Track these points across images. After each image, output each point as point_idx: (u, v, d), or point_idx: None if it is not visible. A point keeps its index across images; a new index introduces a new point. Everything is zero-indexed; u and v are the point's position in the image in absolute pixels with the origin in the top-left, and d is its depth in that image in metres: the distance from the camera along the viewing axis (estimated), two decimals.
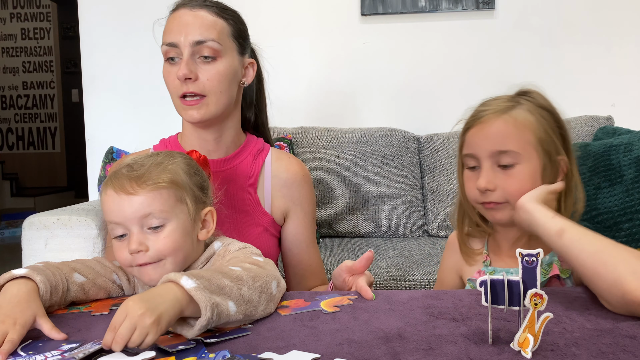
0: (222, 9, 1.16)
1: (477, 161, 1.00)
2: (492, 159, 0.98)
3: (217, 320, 0.73)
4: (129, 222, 0.87)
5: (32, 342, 0.74)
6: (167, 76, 1.13)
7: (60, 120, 6.26)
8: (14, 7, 6.13)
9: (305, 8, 2.61)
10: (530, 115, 0.99)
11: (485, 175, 0.98)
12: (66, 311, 0.87)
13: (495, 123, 0.98)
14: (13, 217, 5.14)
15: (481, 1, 2.54)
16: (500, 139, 0.97)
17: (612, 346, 0.68)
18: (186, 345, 0.70)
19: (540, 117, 0.99)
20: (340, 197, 2.22)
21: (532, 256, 0.69)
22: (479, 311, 0.81)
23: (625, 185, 1.94)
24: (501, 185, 0.97)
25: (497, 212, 1.00)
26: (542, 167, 0.98)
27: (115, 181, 0.88)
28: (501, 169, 0.98)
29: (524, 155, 0.97)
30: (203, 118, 1.11)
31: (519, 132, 0.97)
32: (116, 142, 2.22)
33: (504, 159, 0.97)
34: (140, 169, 0.89)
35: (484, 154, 0.98)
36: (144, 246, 0.87)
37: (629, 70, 2.59)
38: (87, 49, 2.63)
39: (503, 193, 0.97)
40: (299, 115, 2.56)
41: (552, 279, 1.00)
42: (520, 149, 0.97)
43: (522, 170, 0.97)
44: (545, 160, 0.98)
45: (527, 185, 0.96)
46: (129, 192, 0.86)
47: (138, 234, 0.87)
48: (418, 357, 0.66)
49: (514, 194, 0.96)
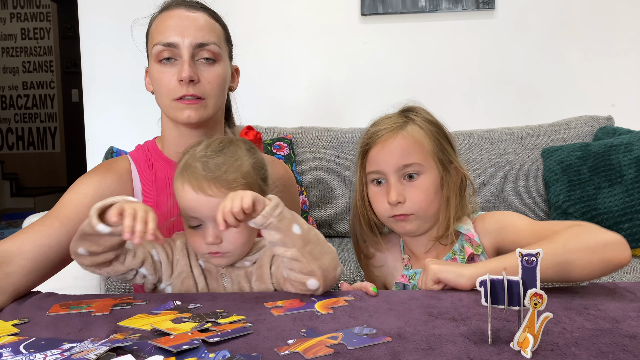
0: (214, 13, 1.14)
1: (383, 175, 1.08)
2: (397, 173, 1.07)
3: (279, 220, 0.88)
4: (206, 218, 0.94)
5: (34, 340, 0.74)
6: (162, 77, 1.09)
7: (60, 120, 6.26)
8: (14, 7, 6.13)
9: (305, 8, 2.61)
10: (421, 130, 1.09)
11: (395, 189, 1.06)
12: (67, 311, 0.87)
13: (395, 140, 1.07)
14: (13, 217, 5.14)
15: (481, 1, 2.54)
16: (402, 153, 1.07)
17: (611, 346, 0.68)
18: (189, 345, 0.69)
19: (429, 130, 1.09)
20: (340, 197, 2.22)
21: (531, 256, 0.69)
22: (479, 311, 0.81)
23: (625, 185, 1.94)
24: (409, 196, 1.07)
25: (407, 223, 1.08)
26: (440, 177, 1.09)
27: (194, 180, 0.94)
28: (407, 180, 1.08)
29: (425, 165, 1.07)
30: (199, 119, 1.09)
31: (417, 146, 1.07)
32: (116, 142, 2.22)
33: (408, 170, 1.07)
34: (215, 169, 0.94)
35: (390, 170, 1.07)
36: (219, 239, 0.95)
37: (629, 70, 2.59)
38: (87, 49, 2.63)
39: (411, 204, 1.06)
40: (299, 115, 2.56)
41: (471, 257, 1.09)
42: (421, 160, 1.07)
43: (425, 180, 1.07)
44: (441, 170, 1.09)
45: (430, 195, 1.07)
46: (207, 193, 0.92)
47: (214, 229, 0.94)
48: (418, 357, 0.66)
49: (420, 204, 1.07)
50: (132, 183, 1.14)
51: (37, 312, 0.88)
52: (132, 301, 0.90)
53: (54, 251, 1.00)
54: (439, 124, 1.12)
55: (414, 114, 1.12)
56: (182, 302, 0.89)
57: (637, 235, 1.85)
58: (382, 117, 1.13)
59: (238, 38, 1.26)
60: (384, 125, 1.09)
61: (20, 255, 0.96)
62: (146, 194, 1.14)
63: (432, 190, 1.08)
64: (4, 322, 0.83)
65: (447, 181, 1.09)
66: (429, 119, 1.11)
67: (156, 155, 1.17)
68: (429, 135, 1.08)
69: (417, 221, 1.08)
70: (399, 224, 1.09)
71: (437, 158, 1.08)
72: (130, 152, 1.20)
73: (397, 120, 1.10)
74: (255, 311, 0.84)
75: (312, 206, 2.21)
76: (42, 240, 0.99)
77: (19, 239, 0.99)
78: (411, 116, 1.11)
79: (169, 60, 1.09)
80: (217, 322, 0.78)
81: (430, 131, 1.09)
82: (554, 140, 2.26)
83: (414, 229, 1.09)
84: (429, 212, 1.08)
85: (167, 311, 0.85)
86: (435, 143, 1.09)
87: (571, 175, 2.04)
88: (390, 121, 1.10)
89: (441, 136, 1.11)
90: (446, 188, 1.09)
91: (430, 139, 1.08)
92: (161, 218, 1.11)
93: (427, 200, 1.07)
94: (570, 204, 2.00)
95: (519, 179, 2.19)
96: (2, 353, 0.70)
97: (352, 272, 1.81)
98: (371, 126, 1.13)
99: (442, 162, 1.09)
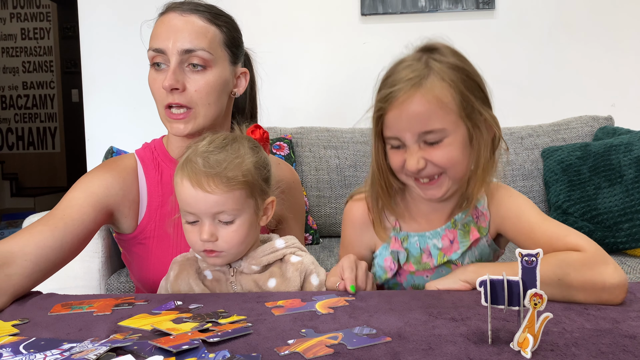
0: (215, 15, 1.10)
1: (401, 142, 0.95)
2: (418, 140, 0.93)
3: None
4: (203, 215, 0.94)
5: (34, 340, 0.74)
6: (153, 83, 1.08)
7: (60, 120, 6.26)
8: (14, 7, 6.13)
9: (305, 8, 2.61)
10: (444, 83, 0.91)
11: (413, 157, 0.93)
12: (69, 310, 0.87)
13: (413, 103, 0.91)
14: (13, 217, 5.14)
15: (481, 1, 2.54)
16: (423, 120, 0.91)
17: (611, 346, 0.68)
18: (189, 345, 0.69)
19: (453, 81, 0.92)
20: (340, 197, 2.22)
21: (531, 256, 0.69)
22: (479, 311, 0.81)
23: (625, 185, 1.95)
24: (430, 159, 0.93)
25: (436, 190, 0.96)
26: (469, 134, 0.94)
27: (193, 175, 0.93)
28: (428, 145, 0.93)
29: (449, 128, 0.92)
30: (190, 132, 1.07)
31: (439, 107, 0.91)
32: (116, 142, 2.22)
33: (430, 137, 0.92)
34: (216, 165, 0.93)
35: (408, 137, 0.93)
36: (214, 237, 0.94)
37: (629, 70, 2.59)
38: (87, 49, 2.63)
39: (436, 166, 0.93)
40: (299, 115, 2.56)
41: (475, 241, 1.02)
42: (444, 123, 0.92)
43: (450, 142, 0.93)
44: (470, 126, 0.94)
45: (458, 153, 0.93)
46: (205, 189, 0.92)
47: (210, 226, 0.94)
48: (418, 357, 0.66)
49: (446, 164, 0.93)
50: (138, 182, 1.14)
51: (37, 312, 0.87)
52: (134, 301, 0.90)
53: (55, 252, 0.99)
54: (468, 68, 0.95)
55: (435, 59, 0.94)
56: (183, 302, 0.89)
57: (637, 235, 1.85)
58: (397, 66, 0.95)
59: None
60: (399, 83, 0.92)
61: (22, 257, 0.96)
62: (151, 193, 1.14)
63: (459, 150, 0.93)
64: (4, 322, 0.82)
65: (478, 139, 0.94)
66: (454, 65, 0.93)
67: (162, 155, 1.17)
68: (454, 88, 0.91)
69: (446, 184, 0.96)
70: (425, 190, 0.97)
71: (464, 114, 0.93)
72: (136, 150, 1.19)
73: (415, 71, 0.92)
74: (256, 311, 0.84)
75: (312, 206, 2.21)
76: (45, 241, 0.98)
77: (21, 240, 0.98)
78: (432, 63, 0.93)
79: (159, 66, 1.07)
80: (218, 322, 0.78)
81: (456, 82, 0.92)
82: (554, 140, 2.26)
83: (442, 194, 0.96)
84: (459, 173, 0.95)
85: (168, 311, 0.85)
86: (463, 96, 0.92)
87: (571, 175, 2.04)
88: (406, 74, 0.92)
89: (470, 85, 0.94)
90: (476, 147, 0.95)
91: (456, 91, 0.91)
92: (166, 217, 1.12)
93: (451, 161, 0.93)
94: (570, 204, 2.00)
95: (519, 179, 2.19)
96: (2, 353, 0.70)
97: None
98: (385, 79, 0.96)
99: (471, 117, 0.93)
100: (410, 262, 1.02)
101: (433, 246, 1.02)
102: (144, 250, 1.14)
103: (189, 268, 1.01)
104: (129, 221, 1.13)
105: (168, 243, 1.12)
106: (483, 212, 1.02)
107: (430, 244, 1.02)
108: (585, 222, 1.96)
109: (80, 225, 1.03)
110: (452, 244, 1.01)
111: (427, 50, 0.96)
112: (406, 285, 1.05)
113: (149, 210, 1.13)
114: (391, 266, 1.03)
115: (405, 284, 1.05)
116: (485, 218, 1.02)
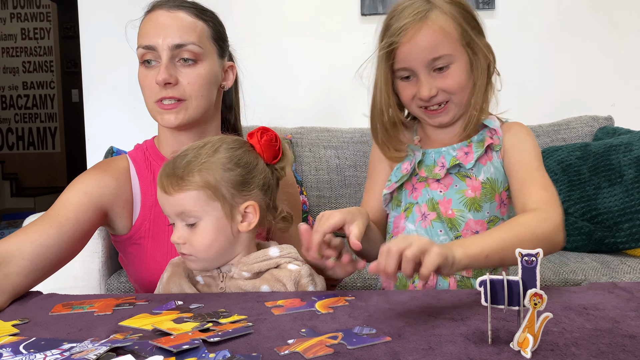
0: (200, 10, 1.12)
1: (412, 72, 1.05)
2: (427, 67, 1.04)
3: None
4: (171, 217, 0.96)
5: (34, 340, 0.74)
6: (144, 80, 1.09)
7: (60, 120, 6.26)
8: (14, 7, 6.13)
9: (305, 8, 2.61)
10: (446, 16, 1.03)
11: (426, 84, 1.04)
12: (70, 311, 0.87)
13: (420, 34, 1.02)
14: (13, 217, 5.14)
15: (481, 1, 2.54)
16: (430, 47, 1.02)
17: (611, 346, 0.68)
18: (190, 344, 0.69)
19: (455, 14, 1.04)
20: (340, 197, 2.22)
21: (531, 256, 0.69)
22: (479, 311, 0.81)
23: (625, 185, 1.94)
24: (441, 86, 1.04)
25: (443, 115, 1.07)
26: (470, 61, 1.06)
27: (158, 177, 0.96)
28: (437, 72, 1.04)
29: (455, 54, 1.04)
30: (181, 123, 1.08)
31: (444, 36, 1.03)
32: (116, 142, 2.22)
33: (438, 63, 1.03)
34: (176, 167, 0.94)
35: (419, 65, 1.03)
36: (181, 239, 0.94)
37: (629, 70, 2.59)
38: (87, 49, 2.63)
39: (445, 93, 1.04)
40: (299, 115, 2.56)
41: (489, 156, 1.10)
42: (450, 49, 1.03)
43: (456, 68, 1.04)
44: (470, 54, 1.06)
45: (463, 81, 1.05)
46: (165, 191, 0.94)
47: (179, 228, 0.95)
48: (417, 357, 0.66)
49: (455, 89, 1.05)
50: (131, 182, 1.15)
51: (37, 312, 0.88)
52: (135, 301, 0.90)
53: (53, 252, 1.00)
54: (463, 2, 1.07)
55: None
56: (184, 302, 0.89)
57: (637, 235, 1.85)
58: (401, 5, 1.06)
59: (238, 38, 1.26)
60: (406, 19, 1.03)
61: (20, 256, 0.96)
62: (145, 192, 1.14)
63: (465, 76, 1.05)
64: (4, 322, 0.83)
65: (477, 65, 1.06)
66: (452, 0, 1.06)
67: (154, 155, 1.18)
68: (454, 20, 1.04)
69: (452, 109, 1.07)
70: (433, 118, 1.08)
71: (464, 42, 1.05)
72: (129, 151, 1.21)
73: (418, 7, 1.04)
74: (256, 310, 0.84)
75: (312, 206, 2.21)
76: (42, 240, 0.99)
77: (18, 239, 0.98)
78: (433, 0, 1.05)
79: (150, 63, 1.08)
80: (219, 321, 0.79)
81: (455, 14, 1.04)
82: (554, 140, 2.26)
83: (449, 119, 1.08)
84: (463, 97, 1.07)
85: (168, 311, 0.85)
86: (462, 27, 1.04)
87: (571, 175, 2.04)
88: (411, 10, 1.03)
89: (467, 17, 1.06)
90: (476, 72, 1.07)
91: (456, 23, 1.04)
92: (160, 216, 1.12)
93: (460, 86, 1.05)
94: (570, 204, 2.00)
95: None
96: (2, 353, 0.70)
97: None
98: (391, 19, 1.06)
99: (470, 45, 1.05)
100: (422, 168, 1.11)
101: (447, 154, 1.10)
102: (139, 250, 1.14)
103: (182, 271, 1.01)
104: (123, 221, 1.14)
105: (163, 242, 1.13)
106: (496, 130, 1.09)
107: (446, 154, 1.10)
108: (585, 222, 1.96)
109: (76, 224, 1.03)
110: (466, 155, 1.09)
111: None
112: (421, 201, 1.10)
113: (143, 210, 1.14)
114: (407, 167, 1.12)
115: (421, 199, 1.10)
116: (499, 135, 1.09)
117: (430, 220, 1.09)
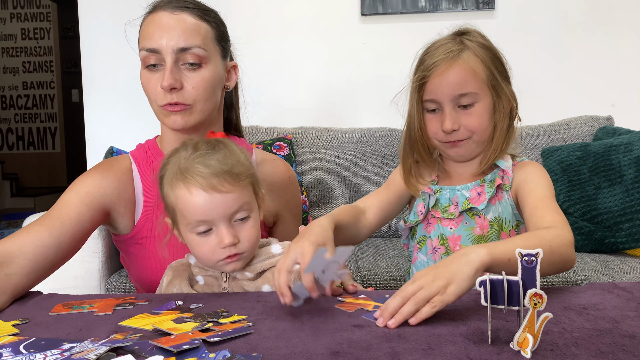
0: (203, 11, 1.10)
1: (438, 105, 1.10)
2: (453, 102, 1.09)
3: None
4: (219, 219, 0.91)
5: (34, 340, 0.74)
6: (148, 84, 1.08)
7: (60, 120, 6.25)
8: (14, 7, 6.12)
9: (305, 8, 2.61)
10: (476, 57, 1.09)
11: (450, 117, 1.08)
12: (70, 311, 0.87)
13: (451, 70, 1.08)
14: (13, 217, 5.14)
15: (481, 1, 2.54)
16: (459, 83, 1.08)
17: (611, 346, 0.68)
18: (190, 344, 0.69)
19: (484, 57, 1.10)
20: (340, 197, 2.22)
21: (531, 256, 0.69)
22: (478, 311, 0.81)
23: (625, 185, 1.94)
24: (464, 123, 1.09)
25: (461, 149, 1.12)
26: (493, 103, 1.11)
27: (202, 180, 0.90)
28: (462, 109, 1.09)
29: (480, 93, 1.09)
30: (186, 125, 1.08)
31: (472, 75, 1.08)
32: (116, 142, 2.22)
33: (464, 100, 1.08)
34: (220, 164, 0.91)
35: (446, 99, 1.09)
36: (237, 239, 0.92)
37: (629, 70, 2.59)
38: (87, 49, 2.63)
39: (466, 130, 1.09)
40: (299, 115, 2.56)
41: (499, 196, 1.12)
42: (476, 88, 1.08)
43: (480, 107, 1.09)
44: (494, 96, 1.11)
45: (485, 121, 1.10)
46: (221, 190, 0.90)
47: (228, 229, 0.92)
48: (417, 357, 0.66)
49: (476, 128, 1.09)
50: (133, 182, 1.14)
51: (37, 312, 0.88)
52: (135, 301, 0.90)
53: (54, 251, 1.00)
54: (494, 49, 1.13)
55: (468, 39, 1.11)
56: (184, 302, 0.89)
57: (637, 235, 1.85)
58: (436, 44, 1.13)
59: (238, 38, 1.26)
60: (439, 56, 1.09)
61: (21, 256, 0.96)
62: (147, 192, 1.14)
63: (487, 117, 1.10)
64: (4, 322, 0.83)
65: (499, 108, 1.11)
66: (483, 44, 1.12)
67: (156, 154, 1.17)
68: (484, 62, 1.09)
69: (471, 146, 1.11)
70: (452, 150, 1.12)
71: (490, 85, 1.10)
72: (131, 151, 1.20)
73: (452, 47, 1.10)
74: (257, 310, 0.84)
75: (312, 206, 2.21)
76: (43, 240, 0.99)
77: (19, 239, 0.98)
78: (466, 42, 1.11)
79: (155, 67, 1.07)
80: (219, 321, 0.79)
81: (485, 57, 1.10)
82: (554, 140, 2.26)
83: (467, 154, 1.13)
84: (483, 137, 1.11)
85: (169, 311, 0.85)
86: (490, 70, 1.10)
87: (571, 175, 2.04)
88: (445, 49, 1.10)
89: (495, 62, 1.11)
90: (498, 114, 1.11)
91: (485, 65, 1.09)
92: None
93: (481, 126, 1.09)
94: (570, 204, 2.00)
95: None
96: (2, 353, 0.70)
97: (353, 272, 1.81)
98: (425, 54, 1.13)
99: (495, 88, 1.11)
100: (438, 209, 1.15)
101: (461, 195, 1.14)
102: (141, 250, 1.14)
103: (182, 274, 1.00)
104: (125, 221, 1.13)
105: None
106: (506, 171, 1.13)
107: (459, 194, 1.14)
108: (585, 222, 1.96)
109: (77, 224, 1.03)
110: (479, 196, 1.12)
111: (461, 33, 1.14)
112: (433, 235, 1.15)
113: (146, 210, 1.13)
114: (421, 210, 1.16)
115: (433, 234, 1.15)
116: (509, 176, 1.13)
117: (439, 254, 1.14)
